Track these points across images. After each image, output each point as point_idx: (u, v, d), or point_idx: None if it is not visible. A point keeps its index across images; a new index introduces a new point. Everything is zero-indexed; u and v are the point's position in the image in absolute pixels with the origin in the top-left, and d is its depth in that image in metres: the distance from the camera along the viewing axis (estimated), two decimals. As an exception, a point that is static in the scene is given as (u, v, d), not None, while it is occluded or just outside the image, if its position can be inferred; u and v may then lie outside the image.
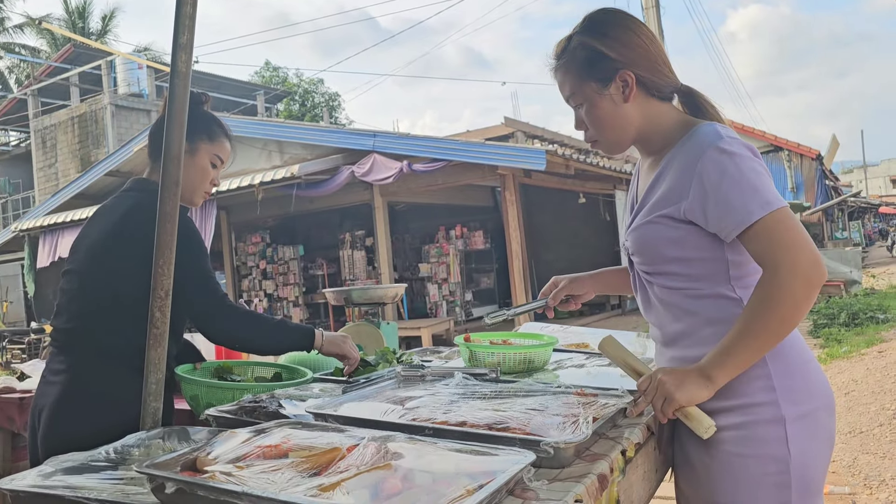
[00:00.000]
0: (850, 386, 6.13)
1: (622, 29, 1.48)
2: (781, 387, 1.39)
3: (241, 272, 12.98)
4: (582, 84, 1.49)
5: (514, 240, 9.49)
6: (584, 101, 1.50)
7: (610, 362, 1.90)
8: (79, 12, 27.27)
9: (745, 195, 1.32)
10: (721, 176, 1.34)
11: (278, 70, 35.79)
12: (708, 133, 1.41)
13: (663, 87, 1.49)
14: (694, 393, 1.34)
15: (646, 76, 1.46)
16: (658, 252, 1.47)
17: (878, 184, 59.88)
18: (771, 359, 1.40)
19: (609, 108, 1.48)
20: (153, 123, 2.00)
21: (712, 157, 1.36)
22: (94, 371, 1.74)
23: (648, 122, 1.50)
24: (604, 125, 1.50)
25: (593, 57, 1.46)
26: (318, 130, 11.19)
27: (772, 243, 1.31)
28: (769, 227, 1.31)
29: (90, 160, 17.27)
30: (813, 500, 1.43)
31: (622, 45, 1.46)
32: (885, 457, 4.34)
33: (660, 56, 1.49)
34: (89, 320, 1.78)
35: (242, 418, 1.48)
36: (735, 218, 1.33)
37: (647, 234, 1.47)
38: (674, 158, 1.44)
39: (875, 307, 10.03)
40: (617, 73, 1.45)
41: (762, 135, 21.58)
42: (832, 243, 19.67)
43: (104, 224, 1.86)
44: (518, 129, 12.84)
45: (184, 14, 1.51)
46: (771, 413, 1.38)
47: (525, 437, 1.16)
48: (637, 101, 1.47)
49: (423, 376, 1.67)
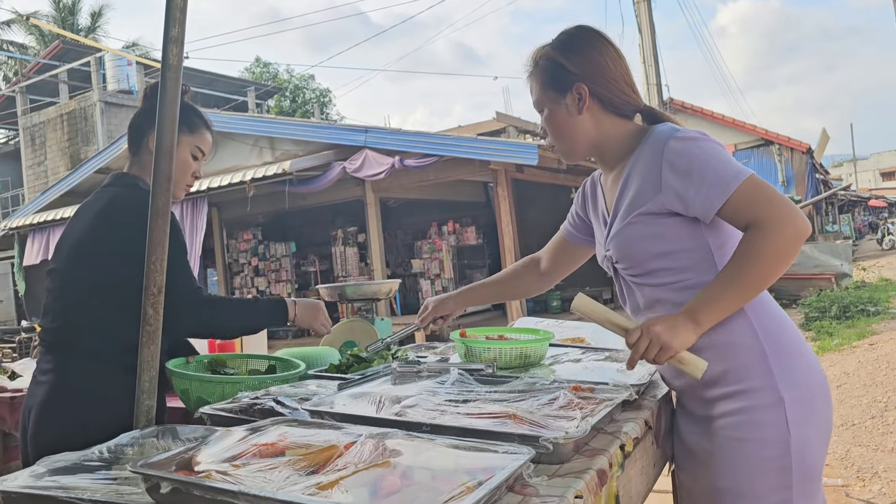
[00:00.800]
0: (842, 379, 6.16)
1: (587, 46, 1.58)
2: (779, 370, 1.43)
3: (233, 269, 12.93)
4: (543, 92, 1.60)
5: (506, 235, 9.49)
6: (544, 107, 1.61)
7: (606, 357, 1.91)
8: (68, 9, 27.05)
9: (717, 170, 1.40)
10: (690, 160, 1.42)
11: (269, 66, 35.63)
12: (663, 130, 1.50)
13: (620, 105, 1.58)
14: (686, 338, 1.38)
15: (601, 92, 1.55)
16: (642, 251, 1.51)
17: (867, 177, 60.19)
18: (767, 342, 1.44)
19: (564, 116, 1.58)
20: (133, 116, 1.97)
21: (674, 146, 1.44)
22: (79, 369, 1.74)
23: (603, 135, 1.58)
24: (558, 132, 1.61)
25: (555, 69, 1.58)
26: (310, 126, 11.14)
27: (753, 204, 1.38)
28: (748, 192, 1.38)
29: (80, 157, 17.16)
30: (813, 486, 1.45)
31: (583, 61, 1.56)
32: (878, 449, 4.37)
33: (621, 76, 1.58)
34: (73, 318, 1.77)
35: (237, 416, 1.47)
36: (715, 192, 1.40)
37: (628, 235, 1.52)
38: (636, 162, 1.52)
39: (866, 300, 10.09)
40: (573, 86, 1.55)
41: (753, 129, 21.64)
42: (823, 237, 19.76)
43: (84, 221, 1.85)
44: (510, 124, 12.84)
45: (174, 6, 1.49)
46: (770, 397, 1.42)
47: (524, 433, 1.16)
48: (592, 114, 1.57)
49: (419, 372, 1.66)
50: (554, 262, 1.95)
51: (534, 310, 11.41)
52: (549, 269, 1.97)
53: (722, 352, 1.46)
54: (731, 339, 1.45)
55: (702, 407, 1.53)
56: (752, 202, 1.38)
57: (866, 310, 9.52)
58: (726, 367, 1.46)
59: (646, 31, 11.61)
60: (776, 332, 1.46)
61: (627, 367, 1.44)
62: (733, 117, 22.01)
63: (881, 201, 45.68)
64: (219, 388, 1.71)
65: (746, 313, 1.45)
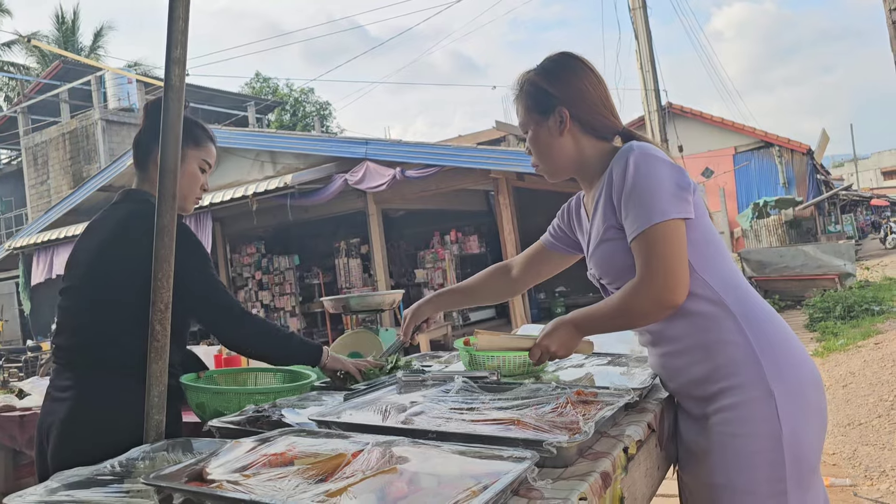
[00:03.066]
0: (848, 378, 6.16)
1: (568, 72, 1.67)
2: (767, 362, 1.46)
3: (237, 283, 12.96)
4: (528, 114, 1.69)
5: (508, 243, 9.51)
6: (528, 128, 1.70)
7: (609, 361, 1.93)
8: (70, 29, 27.24)
9: (647, 201, 1.46)
10: (636, 179, 1.49)
11: (269, 80, 35.78)
12: (624, 148, 1.57)
13: (599, 128, 1.66)
14: (571, 345, 1.61)
15: (581, 115, 1.64)
16: (619, 264, 1.57)
17: (868, 176, 60.13)
18: (755, 337, 1.48)
19: (546, 137, 1.67)
20: (136, 133, 2.01)
21: (630, 161, 1.50)
22: (100, 385, 1.75)
23: (582, 155, 1.67)
24: (542, 152, 1.70)
25: (537, 92, 1.67)
26: (311, 140, 11.19)
27: (642, 254, 1.46)
28: (649, 238, 1.45)
29: (82, 176, 17.25)
30: (808, 478, 1.48)
31: (564, 86, 1.65)
32: (885, 447, 4.37)
33: (600, 100, 1.66)
34: (93, 334, 1.79)
35: (246, 428, 1.49)
36: (636, 221, 1.47)
37: (604, 252, 1.61)
38: (606, 178, 1.59)
39: (870, 299, 10.07)
40: (555, 109, 1.64)
41: (752, 131, 21.67)
42: (825, 237, 19.72)
43: (98, 237, 1.87)
44: (510, 132, 12.89)
45: (176, 29, 1.52)
46: (760, 391, 1.45)
47: (528, 438, 1.18)
48: (573, 136, 1.65)
49: (424, 381, 1.68)
50: (526, 269, 2.04)
51: (538, 317, 11.43)
52: (519, 276, 2.05)
53: (710, 350, 1.50)
54: (719, 337, 1.49)
55: (697, 405, 1.56)
56: (645, 251, 1.46)
57: (871, 309, 9.51)
58: (716, 364, 1.50)
59: (642, 37, 11.66)
60: (762, 327, 1.50)
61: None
62: (732, 120, 22.05)
63: (883, 200, 45.60)
64: (235, 399, 1.74)
65: (731, 310, 1.50)
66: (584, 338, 1.64)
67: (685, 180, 1.49)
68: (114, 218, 1.89)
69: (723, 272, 1.54)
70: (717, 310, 1.50)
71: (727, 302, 1.50)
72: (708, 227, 1.57)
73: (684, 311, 1.50)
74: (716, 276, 1.52)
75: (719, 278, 1.52)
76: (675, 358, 1.57)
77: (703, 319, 1.51)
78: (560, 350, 1.61)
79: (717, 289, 1.51)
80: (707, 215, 1.59)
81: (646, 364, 1.82)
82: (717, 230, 1.63)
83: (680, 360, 1.56)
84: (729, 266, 1.57)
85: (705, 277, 1.51)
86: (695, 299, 1.50)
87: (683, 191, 1.48)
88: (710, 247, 1.54)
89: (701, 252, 1.52)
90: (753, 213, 18.87)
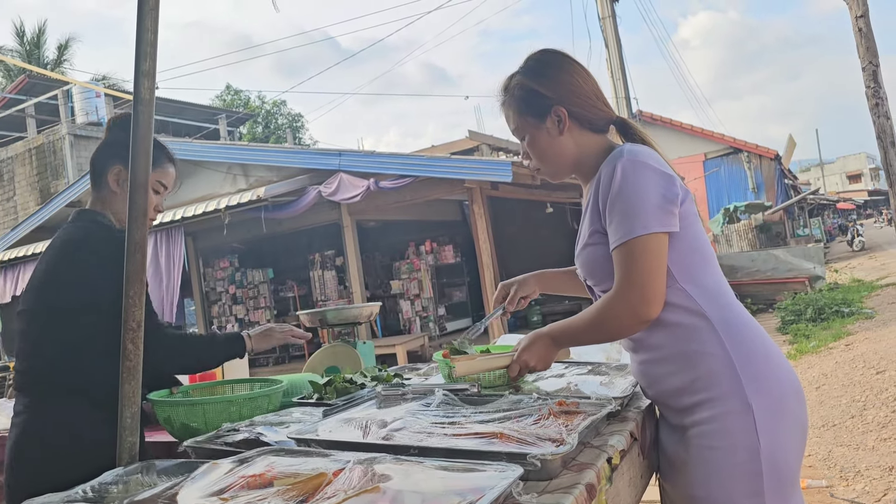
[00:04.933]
0: (821, 380, 6.24)
1: (556, 69, 1.63)
2: (746, 375, 1.45)
3: (211, 298, 12.79)
4: (522, 119, 1.65)
5: (484, 252, 9.51)
6: (525, 134, 1.66)
7: (589, 370, 1.92)
8: (33, 42, 26.81)
9: (631, 212, 1.45)
10: (622, 186, 1.47)
11: (240, 93, 35.56)
12: (615, 152, 1.54)
13: (596, 121, 1.63)
14: (549, 358, 1.64)
15: (578, 111, 1.60)
16: (603, 269, 1.55)
17: (835, 180, 61.32)
18: (733, 350, 1.47)
19: (546, 140, 1.62)
20: (95, 150, 1.97)
21: (619, 167, 1.48)
22: (49, 408, 1.75)
23: (581, 152, 1.63)
24: (543, 155, 1.65)
25: (530, 95, 1.62)
26: (283, 152, 11.12)
27: (621, 265, 1.45)
28: (630, 250, 1.44)
29: (50, 192, 16.94)
30: (787, 491, 1.46)
31: (556, 84, 1.61)
32: (859, 448, 4.42)
33: (593, 92, 1.63)
34: (39, 358, 1.79)
35: (223, 448, 1.45)
36: (619, 231, 1.45)
37: (589, 255, 1.59)
38: (596, 179, 1.56)
39: (840, 301, 10.24)
40: (551, 109, 1.60)
41: (721, 137, 22.01)
42: (795, 241, 20.06)
43: (45, 260, 1.86)
44: (483, 142, 12.90)
45: (145, 41, 1.49)
46: (738, 403, 1.44)
47: (511, 451, 1.16)
48: (572, 134, 1.61)
49: (404, 395, 1.66)
50: None
51: (515, 325, 11.44)
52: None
53: (689, 360, 1.49)
54: (698, 348, 1.48)
55: (676, 416, 1.55)
56: (624, 262, 1.45)
57: (840, 311, 9.66)
58: (695, 376, 1.48)
59: (612, 46, 11.79)
60: (742, 339, 1.48)
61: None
62: (702, 127, 22.39)
63: (849, 203, 46.53)
64: (200, 410, 1.70)
65: (711, 321, 1.48)
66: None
67: (672, 191, 1.46)
68: (62, 239, 1.87)
69: (706, 282, 1.52)
70: (697, 320, 1.48)
71: (708, 313, 1.48)
72: (696, 236, 1.54)
73: (664, 321, 1.49)
74: (698, 286, 1.50)
75: (702, 288, 1.50)
76: (655, 366, 1.55)
77: (682, 330, 1.49)
78: (538, 364, 1.62)
79: (698, 299, 1.49)
80: (698, 223, 1.56)
81: (626, 372, 1.81)
82: (707, 239, 1.59)
83: (659, 368, 1.55)
84: (714, 276, 1.55)
85: (687, 288, 1.49)
86: (675, 309, 1.49)
87: (669, 203, 1.45)
88: (695, 256, 1.52)
89: (685, 262, 1.50)
90: (724, 218, 19.14)
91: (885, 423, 4.74)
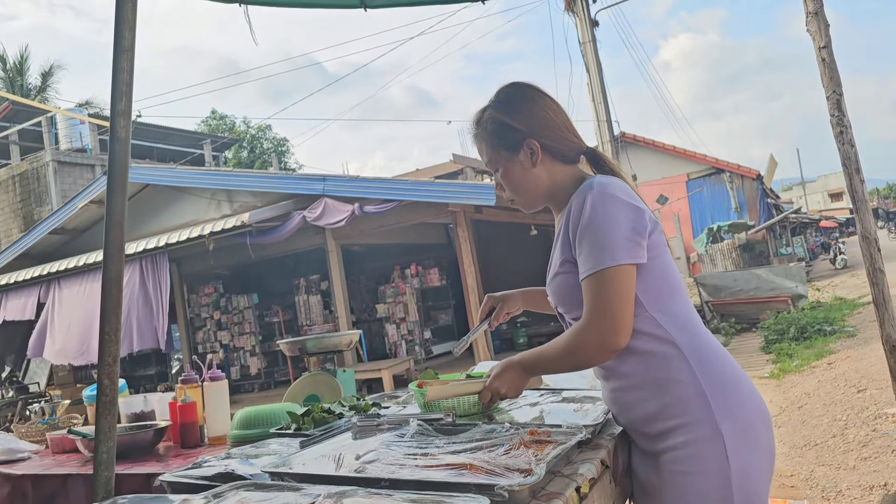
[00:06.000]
0: (803, 399, 6.29)
1: (528, 103, 1.66)
2: (716, 402, 1.48)
3: (195, 324, 12.72)
4: (495, 152, 1.68)
5: (468, 275, 9.54)
6: (499, 166, 1.69)
7: (563, 399, 1.94)
8: (16, 69, 26.79)
9: (600, 243, 1.47)
10: (592, 217, 1.49)
11: (225, 118, 35.61)
12: (585, 185, 1.57)
13: (567, 152, 1.66)
14: (520, 386, 1.66)
15: (550, 143, 1.63)
16: (574, 298, 1.58)
17: (816, 199, 62.01)
18: (703, 376, 1.50)
19: (519, 172, 1.66)
20: None
21: (589, 199, 1.50)
22: None
23: (554, 183, 1.66)
24: (517, 187, 1.68)
25: (502, 129, 1.65)
26: (267, 177, 11.15)
27: (590, 296, 1.48)
28: (599, 282, 1.47)
29: (34, 219, 16.86)
30: None
31: (527, 117, 1.63)
32: (840, 467, 4.46)
33: (564, 124, 1.66)
34: None
35: (198, 482, 1.46)
36: (588, 262, 1.48)
37: (559, 284, 1.62)
38: (567, 209, 1.59)
39: (822, 320, 10.33)
40: (524, 142, 1.62)
41: (703, 158, 22.26)
42: (777, 259, 20.23)
43: None
44: (467, 165, 13.02)
45: (121, 81, 1.52)
46: (709, 429, 1.47)
47: (480, 483, 1.18)
48: (544, 165, 1.64)
49: (380, 425, 1.67)
50: None
51: (500, 348, 11.43)
52: None
53: (660, 387, 1.52)
54: (668, 375, 1.51)
55: (648, 442, 1.58)
56: (593, 293, 1.48)
57: (823, 329, 9.75)
58: (666, 402, 1.51)
59: (593, 70, 11.94)
60: (712, 367, 1.51)
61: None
62: (684, 148, 22.64)
63: (831, 222, 47.01)
64: None
65: (681, 349, 1.51)
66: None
67: (641, 223, 1.49)
68: None
69: (675, 311, 1.55)
70: (667, 348, 1.52)
71: (677, 341, 1.51)
72: (665, 266, 1.57)
73: (635, 349, 1.52)
74: (668, 314, 1.54)
75: (671, 317, 1.54)
76: (626, 393, 1.58)
77: (653, 357, 1.52)
78: (509, 392, 1.64)
79: (667, 328, 1.52)
80: (667, 253, 1.59)
81: (598, 401, 1.84)
82: (676, 268, 1.62)
83: (630, 395, 1.57)
84: (683, 305, 1.58)
85: (656, 316, 1.52)
86: (645, 338, 1.52)
87: (638, 235, 1.48)
88: (665, 286, 1.55)
89: (654, 291, 1.53)
90: (708, 237, 19.30)
91: (865, 442, 4.78)
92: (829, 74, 2.61)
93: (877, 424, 5.07)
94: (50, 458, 2.50)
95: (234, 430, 2.17)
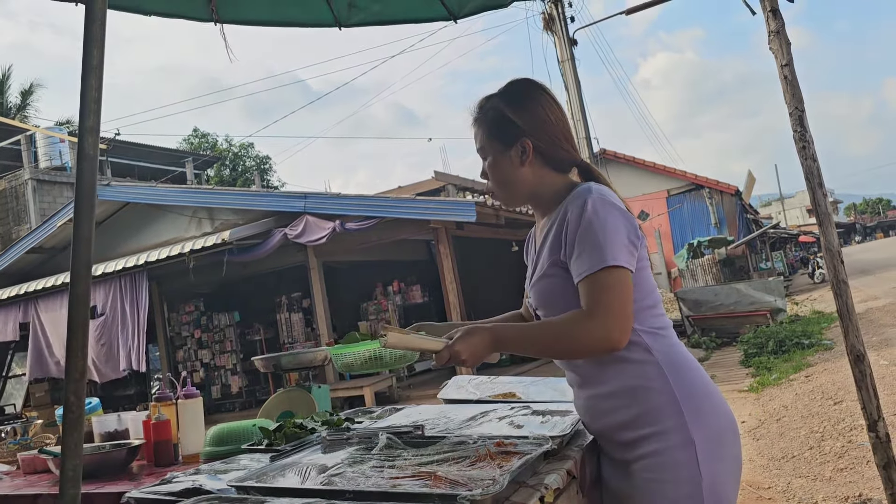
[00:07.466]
0: (781, 412, 6.34)
1: (534, 102, 1.64)
2: (688, 411, 1.51)
3: (176, 343, 12.62)
4: (489, 141, 1.66)
5: (450, 291, 9.56)
6: (489, 155, 1.67)
7: (533, 411, 1.96)
8: (-5, 88, 26.59)
9: (597, 246, 1.47)
10: (590, 223, 1.49)
11: (207, 136, 35.51)
12: (582, 189, 1.57)
13: (559, 161, 1.65)
14: (481, 356, 1.53)
15: (543, 147, 1.62)
16: (558, 301, 1.59)
17: (795, 214, 62.81)
18: (677, 385, 1.52)
19: (507, 167, 1.64)
20: None
21: (587, 205, 1.50)
22: None
23: (540, 186, 1.66)
24: (501, 181, 1.68)
25: (502, 121, 1.64)
26: (248, 195, 11.14)
27: (590, 294, 1.46)
28: (597, 281, 1.46)
29: (11, 237, 16.67)
30: None
31: (529, 116, 1.62)
32: (817, 479, 4.49)
33: (563, 133, 1.65)
34: None
35: (165, 498, 1.46)
36: (584, 264, 1.48)
37: (544, 287, 1.62)
38: (559, 213, 1.60)
39: (800, 333, 10.43)
40: (518, 140, 1.61)
41: (683, 174, 22.48)
42: (757, 274, 20.45)
43: None
44: (449, 182, 13.04)
45: (89, 98, 1.53)
46: (681, 437, 1.50)
47: (443, 493, 1.19)
48: (533, 167, 1.63)
49: (349, 439, 1.68)
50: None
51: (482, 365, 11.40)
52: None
53: (636, 396, 1.54)
54: (643, 384, 1.53)
55: (619, 451, 1.60)
56: (597, 290, 1.46)
57: (801, 343, 9.84)
58: (640, 411, 1.53)
59: (572, 88, 12.08)
60: (685, 377, 1.55)
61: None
62: (664, 164, 22.85)
63: (810, 237, 47.51)
64: None
65: (656, 358, 1.54)
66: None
67: (636, 233, 1.52)
68: None
69: (654, 323, 1.58)
70: (644, 357, 1.54)
71: (654, 350, 1.54)
72: (646, 278, 1.59)
73: (616, 356, 1.54)
74: (646, 326, 1.56)
75: (648, 327, 1.57)
76: (602, 401, 1.60)
77: (632, 366, 1.54)
78: (469, 359, 1.51)
79: (646, 338, 1.55)
80: (648, 267, 1.61)
81: (567, 414, 1.85)
82: (655, 283, 1.65)
83: (606, 403, 1.59)
84: (661, 318, 1.61)
85: (636, 326, 1.54)
86: (627, 346, 1.52)
87: (632, 245, 1.50)
88: (647, 299, 1.58)
89: (637, 304, 1.54)
90: (688, 253, 19.47)
91: (841, 454, 4.82)
92: (792, 91, 2.67)
93: (852, 436, 5.12)
94: (21, 478, 2.47)
95: (207, 448, 2.16)
